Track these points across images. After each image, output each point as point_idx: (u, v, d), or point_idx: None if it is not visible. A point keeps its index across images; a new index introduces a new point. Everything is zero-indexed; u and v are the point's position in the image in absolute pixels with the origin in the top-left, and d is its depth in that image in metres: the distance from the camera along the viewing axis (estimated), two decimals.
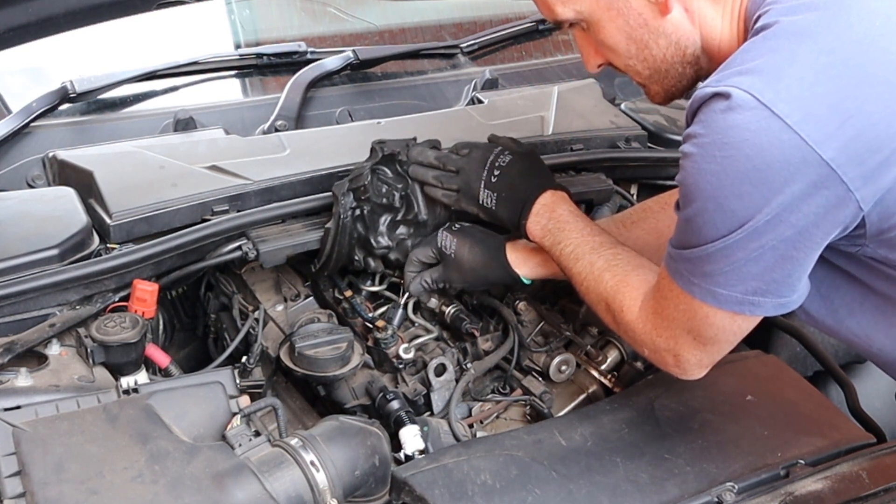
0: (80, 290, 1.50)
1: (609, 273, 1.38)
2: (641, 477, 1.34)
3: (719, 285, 1.17)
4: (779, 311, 1.19)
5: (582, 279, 1.42)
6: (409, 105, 2.16)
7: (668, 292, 1.25)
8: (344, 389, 1.62)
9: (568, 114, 2.09)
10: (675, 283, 1.22)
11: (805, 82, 1.07)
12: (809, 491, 1.31)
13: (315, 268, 1.73)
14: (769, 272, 1.14)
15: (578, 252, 1.43)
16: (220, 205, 1.65)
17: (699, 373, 1.32)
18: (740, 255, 1.13)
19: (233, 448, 1.28)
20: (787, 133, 1.05)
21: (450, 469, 1.32)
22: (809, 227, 1.10)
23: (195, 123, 1.92)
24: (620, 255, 1.40)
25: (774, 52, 1.10)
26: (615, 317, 1.36)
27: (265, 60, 2.14)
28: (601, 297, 1.38)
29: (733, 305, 1.18)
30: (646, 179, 2.11)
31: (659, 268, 1.30)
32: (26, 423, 1.23)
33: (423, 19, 2.51)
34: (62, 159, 1.75)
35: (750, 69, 1.09)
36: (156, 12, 1.53)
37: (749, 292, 1.16)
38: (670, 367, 1.32)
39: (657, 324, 1.29)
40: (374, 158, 1.64)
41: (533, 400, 1.69)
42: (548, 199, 1.50)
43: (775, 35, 1.12)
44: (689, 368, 1.31)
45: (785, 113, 1.05)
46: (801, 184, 1.07)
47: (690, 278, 1.20)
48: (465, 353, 1.73)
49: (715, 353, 1.29)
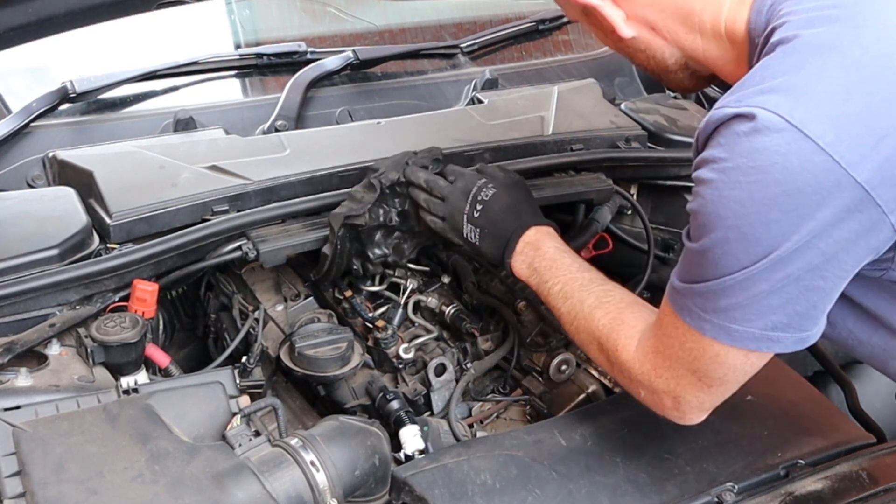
0: (80, 290, 1.50)
1: (601, 311, 1.30)
2: (641, 477, 1.34)
3: (735, 321, 1.08)
4: (798, 346, 1.11)
5: (571, 318, 1.34)
6: (409, 105, 2.16)
7: (673, 330, 1.17)
8: (344, 389, 1.63)
9: (568, 114, 2.09)
10: (682, 319, 1.14)
11: (836, 100, 1.00)
12: (809, 491, 1.31)
13: (314, 277, 1.74)
14: (792, 304, 1.06)
15: (567, 290, 1.36)
16: (220, 205, 1.65)
17: (698, 417, 1.24)
18: (762, 286, 1.05)
19: (233, 448, 1.28)
20: (820, 155, 0.98)
21: (450, 469, 1.32)
22: (839, 254, 1.03)
23: (195, 123, 1.92)
24: (612, 291, 1.33)
25: (800, 69, 1.03)
26: (608, 356, 1.28)
27: (265, 60, 2.14)
28: (593, 336, 1.30)
29: (749, 343, 1.10)
30: (646, 179, 2.11)
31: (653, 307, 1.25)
32: (26, 423, 1.23)
33: (423, 19, 2.51)
34: (62, 159, 1.75)
35: (774, 87, 1.02)
36: (156, 12, 1.53)
37: (768, 328, 1.08)
38: (667, 410, 1.24)
39: (657, 363, 1.21)
40: (372, 193, 1.60)
41: (533, 400, 1.69)
42: (531, 236, 1.44)
43: (797, 50, 1.05)
44: (688, 412, 1.23)
45: (817, 134, 0.98)
46: (833, 208, 1.00)
47: (701, 314, 1.11)
48: (465, 353, 1.73)
49: (719, 396, 1.21)
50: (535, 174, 1.92)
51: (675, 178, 2.08)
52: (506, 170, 1.59)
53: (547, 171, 1.92)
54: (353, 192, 1.63)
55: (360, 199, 1.61)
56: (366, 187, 1.62)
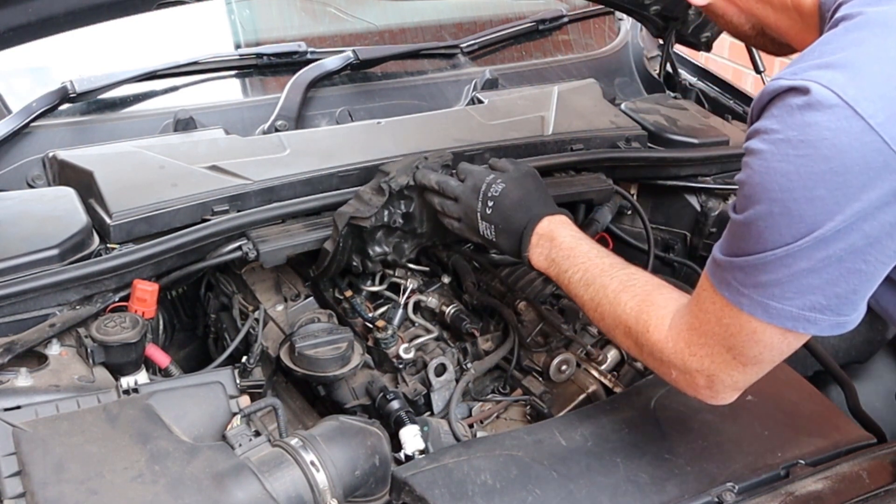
0: (80, 290, 1.50)
1: (627, 294, 1.29)
2: (641, 477, 1.34)
3: (774, 298, 1.07)
4: (834, 331, 1.09)
5: (595, 305, 1.33)
6: (409, 105, 2.16)
7: (710, 305, 1.15)
8: (344, 389, 1.63)
9: (568, 114, 2.09)
10: (721, 293, 1.12)
11: (892, 80, 0.99)
12: (809, 491, 1.31)
13: (314, 273, 1.74)
14: (832, 286, 1.05)
15: (588, 277, 1.35)
16: (220, 205, 1.65)
17: (731, 396, 1.23)
18: (803, 265, 1.03)
19: (233, 448, 1.28)
20: (870, 135, 0.97)
21: (450, 469, 1.32)
22: (883, 239, 1.02)
23: (195, 123, 1.92)
24: (635, 275, 1.32)
25: (858, 46, 1.02)
26: (638, 339, 1.26)
27: (265, 60, 2.14)
28: (619, 320, 1.29)
29: (786, 321, 1.08)
30: (646, 179, 2.11)
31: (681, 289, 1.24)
32: (26, 423, 1.23)
33: (423, 19, 2.51)
34: (62, 159, 1.75)
35: (830, 63, 1.01)
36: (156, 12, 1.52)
37: (806, 307, 1.07)
38: (700, 389, 1.22)
39: (691, 341, 1.19)
40: (380, 197, 1.60)
41: (533, 400, 1.69)
42: (545, 227, 1.44)
43: (859, 27, 1.04)
44: (721, 391, 1.21)
45: (869, 113, 0.97)
46: (879, 191, 0.98)
47: (740, 288, 1.10)
48: (465, 353, 1.73)
49: (753, 374, 1.19)
50: None
51: (675, 178, 2.08)
52: (515, 162, 1.59)
53: (547, 171, 1.92)
54: (361, 193, 1.63)
55: (368, 202, 1.61)
56: (375, 190, 1.62)
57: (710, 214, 2.04)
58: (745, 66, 2.32)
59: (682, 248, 2.10)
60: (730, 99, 2.45)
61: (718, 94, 2.47)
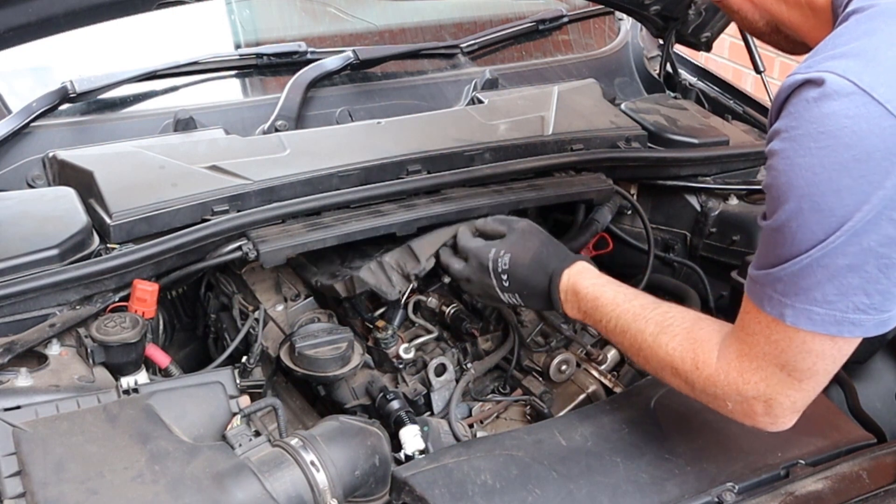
0: (80, 290, 1.50)
1: (666, 336, 1.26)
2: (642, 477, 1.34)
3: (816, 303, 1.06)
4: (879, 329, 1.08)
5: (637, 350, 1.31)
6: (409, 105, 2.16)
7: (756, 325, 1.14)
8: (344, 389, 1.63)
9: (568, 114, 2.09)
10: (763, 311, 1.11)
11: None
12: (809, 491, 1.31)
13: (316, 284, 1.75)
14: (873, 283, 1.04)
15: (622, 324, 1.33)
16: (220, 205, 1.65)
17: (791, 419, 1.20)
18: (840, 262, 1.02)
19: (233, 448, 1.28)
20: (889, 119, 0.97)
21: (450, 469, 1.32)
22: None
23: (195, 123, 1.92)
24: (669, 312, 1.29)
25: (871, 35, 1.03)
26: (687, 378, 1.24)
27: (265, 60, 2.14)
28: (664, 362, 1.26)
29: (830, 327, 1.07)
30: (646, 179, 2.11)
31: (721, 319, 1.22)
32: (26, 423, 1.23)
33: (423, 19, 2.51)
34: (62, 159, 1.75)
35: (844, 53, 1.01)
36: (156, 12, 1.52)
37: (850, 309, 1.05)
38: (758, 417, 1.19)
39: (743, 368, 1.17)
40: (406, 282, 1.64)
41: (533, 400, 1.69)
42: (567, 282, 1.42)
43: (871, 18, 1.05)
44: (780, 415, 1.18)
45: (886, 98, 0.97)
46: None
47: (781, 299, 1.08)
48: (465, 353, 1.73)
49: (810, 391, 1.16)
50: (536, 174, 1.92)
51: (675, 178, 2.08)
52: (506, 220, 1.57)
53: (547, 171, 1.92)
54: (385, 265, 1.63)
55: (392, 282, 1.62)
56: (401, 272, 1.63)
57: (710, 214, 2.03)
58: (745, 66, 2.32)
59: (682, 248, 2.10)
60: (730, 99, 2.44)
61: (718, 94, 2.47)
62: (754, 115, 2.37)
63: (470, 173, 1.84)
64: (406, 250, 1.64)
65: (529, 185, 1.87)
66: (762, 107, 2.37)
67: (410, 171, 1.81)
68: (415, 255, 1.63)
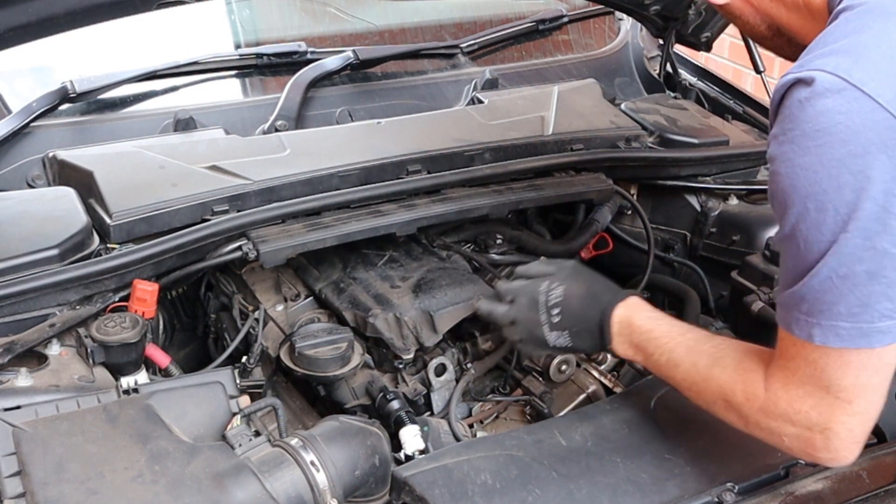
0: (80, 290, 1.50)
1: (717, 368, 1.22)
2: (642, 477, 1.34)
3: (841, 317, 1.04)
4: None
5: (689, 384, 1.27)
6: (409, 105, 2.16)
7: (792, 351, 1.11)
8: (344, 389, 1.63)
9: (568, 114, 2.09)
10: (795, 335, 1.09)
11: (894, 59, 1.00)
12: (809, 491, 1.31)
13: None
14: (893, 285, 1.02)
15: (675, 357, 1.29)
16: (220, 205, 1.65)
17: (852, 451, 1.13)
18: (859, 269, 1.01)
19: (233, 448, 1.28)
20: (881, 113, 0.98)
21: (450, 469, 1.32)
22: None
23: (195, 123, 1.92)
24: (721, 345, 1.26)
25: (860, 32, 1.04)
26: (741, 411, 1.20)
27: (265, 60, 2.14)
28: (716, 396, 1.23)
29: (860, 339, 1.05)
30: (646, 179, 2.11)
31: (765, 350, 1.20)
32: (26, 423, 1.23)
33: (423, 19, 2.51)
34: (62, 159, 1.75)
35: (833, 50, 1.03)
36: (156, 12, 1.52)
37: (876, 318, 1.04)
38: (818, 451, 1.14)
39: (791, 397, 1.13)
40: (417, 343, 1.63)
41: (533, 400, 1.69)
42: (622, 314, 1.38)
43: (859, 16, 1.06)
44: (840, 447, 1.12)
45: (877, 92, 0.98)
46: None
47: (808, 319, 1.07)
48: (465, 353, 1.73)
49: (864, 412, 1.11)
50: (535, 174, 1.92)
51: (675, 178, 2.08)
52: (548, 262, 1.55)
53: (547, 171, 1.92)
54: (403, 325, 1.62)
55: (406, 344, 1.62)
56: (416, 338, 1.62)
57: (710, 214, 2.03)
58: (745, 66, 2.32)
59: (682, 248, 2.10)
60: (730, 99, 2.45)
61: (718, 94, 2.47)
62: (754, 115, 2.37)
63: (470, 173, 1.84)
64: (426, 317, 1.64)
65: (529, 185, 1.87)
66: (762, 107, 2.38)
67: (410, 171, 1.81)
68: (433, 326, 1.63)
